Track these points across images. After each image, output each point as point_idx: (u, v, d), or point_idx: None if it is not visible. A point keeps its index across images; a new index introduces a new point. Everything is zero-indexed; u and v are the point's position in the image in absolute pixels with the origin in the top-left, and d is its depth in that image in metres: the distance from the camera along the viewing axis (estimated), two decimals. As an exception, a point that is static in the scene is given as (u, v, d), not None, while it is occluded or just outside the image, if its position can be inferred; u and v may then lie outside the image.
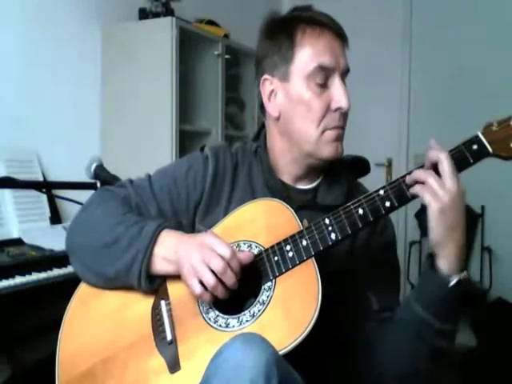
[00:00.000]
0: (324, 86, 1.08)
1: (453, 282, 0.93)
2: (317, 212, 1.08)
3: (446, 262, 0.94)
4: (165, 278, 1.04)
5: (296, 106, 1.10)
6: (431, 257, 0.97)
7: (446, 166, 0.93)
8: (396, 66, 3.66)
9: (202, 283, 0.94)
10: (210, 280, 0.93)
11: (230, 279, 0.94)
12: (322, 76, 1.07)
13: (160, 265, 1.02)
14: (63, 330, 1.09)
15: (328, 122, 1.09)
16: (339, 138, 1.11)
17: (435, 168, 0.95)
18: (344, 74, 1.10)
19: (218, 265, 0.93)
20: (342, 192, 1.14)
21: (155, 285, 1.04)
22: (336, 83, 1.08)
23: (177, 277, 1.01)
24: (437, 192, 0.92)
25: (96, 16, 2.56)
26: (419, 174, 0.95)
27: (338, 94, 1.08)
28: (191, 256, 0.95)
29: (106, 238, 1.06)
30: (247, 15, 3.41)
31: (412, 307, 0.99)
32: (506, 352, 2.76)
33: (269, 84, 1.13)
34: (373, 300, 1.09)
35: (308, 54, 1.08)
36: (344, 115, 1.10)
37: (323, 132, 1.09)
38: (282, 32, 1.11)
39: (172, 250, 1.00)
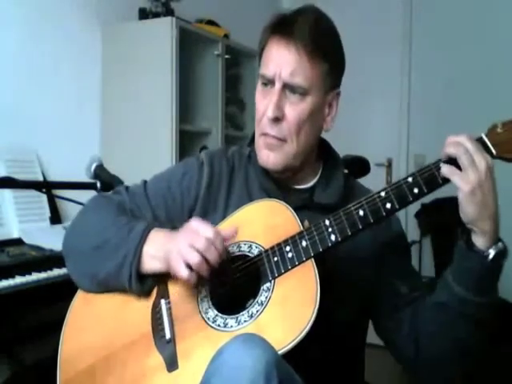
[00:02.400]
0: (269, 90, 1.08)
1: (491, 256, 0.95)
2: (314, 212, 1.08)
3: (481, 238, 0.96)
4: (165, 278, 1.05)
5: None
6: (464, 234, 0.98)
7: (469, 145, 0.93)
8: (396, 67, 3.66)
9: (189, 267, 0.95)
10: (195, 257, 0.94)
11: (214, 256, 0.95)
12: (266, 81, 1.09)
13: (149, 264, 1.03)
14: (65, 329, 1.09)
15: (262, 126, 1.10)
16: (269, 147, 1.10)
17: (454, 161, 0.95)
18: (288, 85, 1.06)
19: (200, 243, 0.94)
20: (338, 191, 1.15)
21: (146, 286, 1.05)
22: (272, 91, 1.08)
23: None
24: (466, 171, 0.92)
25: (96, 16, 2.56)
26: (450, 150, 0.95)
27: (269, 101, 1.08)
28: (178, 244, 0.97)
29: (97, 240, 1.07)
30: (247, 15, 3.42)
31: (452, 289, 1.00)
32: (506, 352, 2.76)
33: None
34: (400, 285, 1.11)
35: (262, 60, 1.11)
36: (277, 124, 1.08)
37: (259, 136, 1.11)
38: (263, 31, 1.12)
39: (160, 247, 1.02)
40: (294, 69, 1.05)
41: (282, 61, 1.06)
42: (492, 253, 0.95)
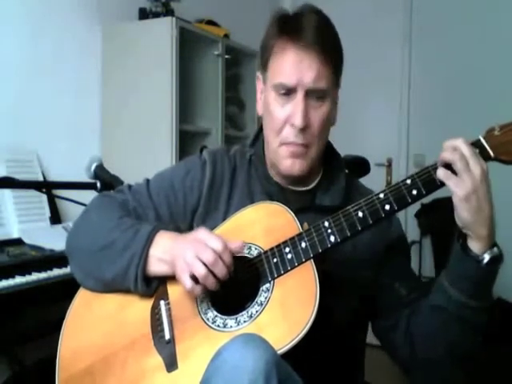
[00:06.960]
0: (289, 98, 1.07)
1: (486, 261, 0.95)
2: (316, 214, 1.08)
3: (476, 243, 0.96)
4: (165, 279, 1.05)
5: (265, 111, 1.12)
6: (460, 238, 0.98)
7: (465, 149, 0.93)
8: (396, 66, 3.66)
9: (193, 278, 0.95)
10: (201, 271, 0.93)
11: (221, 271, 0.94)
12: (285, 90, 1.06)
13: (155, 266, 1.03)
14: (65, 328, 1.09)
15: (284, 135, 1.08)
16: (295, 155, 1.09)
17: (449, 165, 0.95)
18: (311, 91, 1.05)
19: (208, 257, 0.94)
20: (340, 193, 1.14)
21: (151, 288, 1.05)
22: (296, 99, 1.06)
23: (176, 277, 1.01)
24: (461, 176, 0.92)
25: (96, 16, 2.56)
26: (446, 156, 0.94)
27: (293, 110, 1.06)
28: (185, 252, 0.96)
29: (103, 241, 1.07)
30: (247, 15, 3.42)
31: (448, 292, 1.00)
32: (506, 352, 2.76)
33: (259, 82, 1.16)
34: (399, 287, 1.11)
35: (275, 67, 1.08)
36: (303, 132, 1.07)
37: (280, 145, 1.09)
38: (268, 35, 1.10)
39: (167, 250, 1.01)
40: (316, 74, 1.04)
41: (303, 67, 1.04)
42: (487, 258, 0.95)
